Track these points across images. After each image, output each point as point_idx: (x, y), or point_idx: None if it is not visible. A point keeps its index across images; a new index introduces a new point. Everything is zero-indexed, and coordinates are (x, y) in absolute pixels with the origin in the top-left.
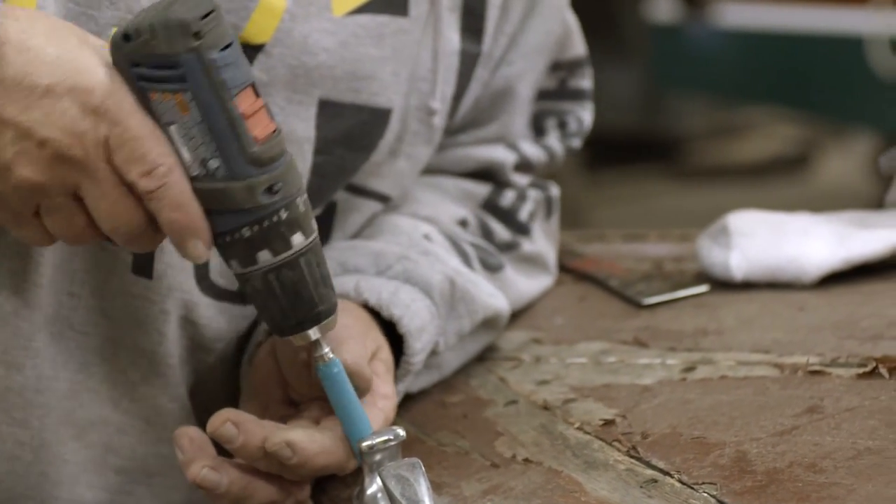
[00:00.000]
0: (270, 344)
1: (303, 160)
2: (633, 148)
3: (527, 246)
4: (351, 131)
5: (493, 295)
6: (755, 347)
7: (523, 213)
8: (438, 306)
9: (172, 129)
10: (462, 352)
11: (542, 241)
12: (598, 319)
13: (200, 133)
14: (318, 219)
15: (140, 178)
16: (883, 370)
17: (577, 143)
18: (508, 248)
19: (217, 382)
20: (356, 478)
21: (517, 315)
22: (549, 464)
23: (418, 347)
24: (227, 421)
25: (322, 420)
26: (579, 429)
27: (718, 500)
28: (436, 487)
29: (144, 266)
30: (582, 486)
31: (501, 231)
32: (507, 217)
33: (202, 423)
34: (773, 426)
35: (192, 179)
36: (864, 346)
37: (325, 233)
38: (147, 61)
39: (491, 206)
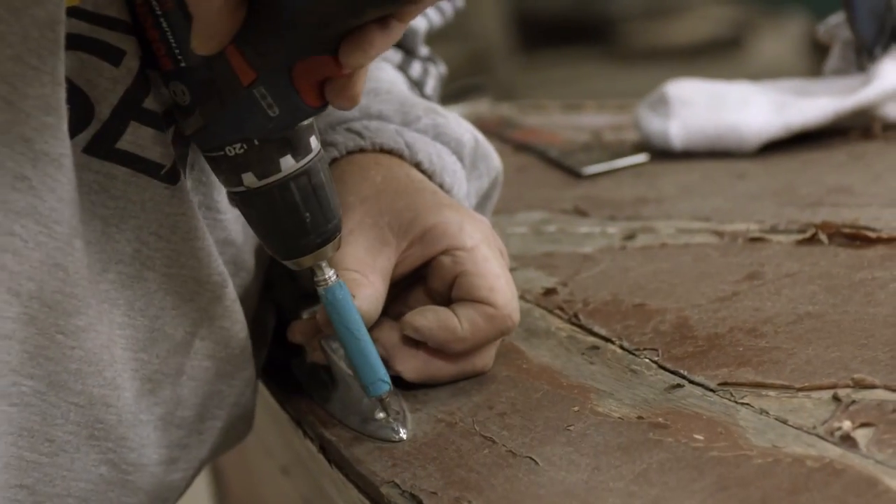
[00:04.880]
0: None
1: None
2: (568, 30)
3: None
4: None
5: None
6: (695, 215)
7: (428, 88)
8: (466, 167)
9: None
10: (483, 213)
11: None
12: (537, 189)
13: None
14: None
15: None
16: (822, 236)
17: (460, 1)
18: None
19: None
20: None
21: None
22: None
23: None
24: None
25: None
26: (521, 297)
27: (659, 366)
28: None
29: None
30: (524, 354)
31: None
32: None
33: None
34: (714, 292)
35: None
36: (803, 213)
37: None
38: None
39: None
